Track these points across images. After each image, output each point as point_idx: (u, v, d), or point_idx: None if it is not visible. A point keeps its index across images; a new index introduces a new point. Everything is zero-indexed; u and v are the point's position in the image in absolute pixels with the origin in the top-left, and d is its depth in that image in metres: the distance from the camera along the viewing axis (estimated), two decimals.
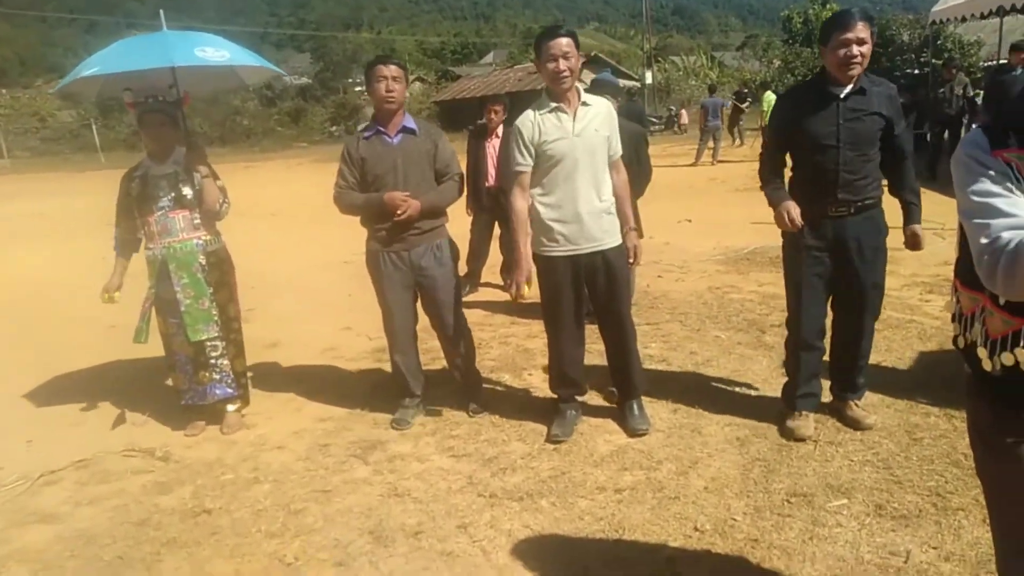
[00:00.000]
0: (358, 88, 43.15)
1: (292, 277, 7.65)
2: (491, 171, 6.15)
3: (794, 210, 3.12)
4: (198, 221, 3.73)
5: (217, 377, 3.84)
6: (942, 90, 10.83)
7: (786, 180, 3.32)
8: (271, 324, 5.77)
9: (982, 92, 11.23)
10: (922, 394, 3.59)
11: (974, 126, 10.04)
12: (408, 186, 3.54)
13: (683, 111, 29.10)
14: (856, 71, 2.99)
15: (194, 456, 3.64)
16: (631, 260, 3.48)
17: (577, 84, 3.33)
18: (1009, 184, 1.36)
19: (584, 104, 3.30)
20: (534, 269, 3.41)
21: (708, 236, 8.14)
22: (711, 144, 16.56)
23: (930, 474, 2.92)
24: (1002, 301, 1.46)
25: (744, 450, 3.25)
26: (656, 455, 3.27)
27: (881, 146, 3.13)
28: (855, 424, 3.35)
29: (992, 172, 1.37)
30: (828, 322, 3.39)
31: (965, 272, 1.55)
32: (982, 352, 1.54)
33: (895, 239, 3.24)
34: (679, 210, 9.89)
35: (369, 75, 3.56)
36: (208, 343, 3.79)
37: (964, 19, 11.04)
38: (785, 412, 3.43)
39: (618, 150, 3.43)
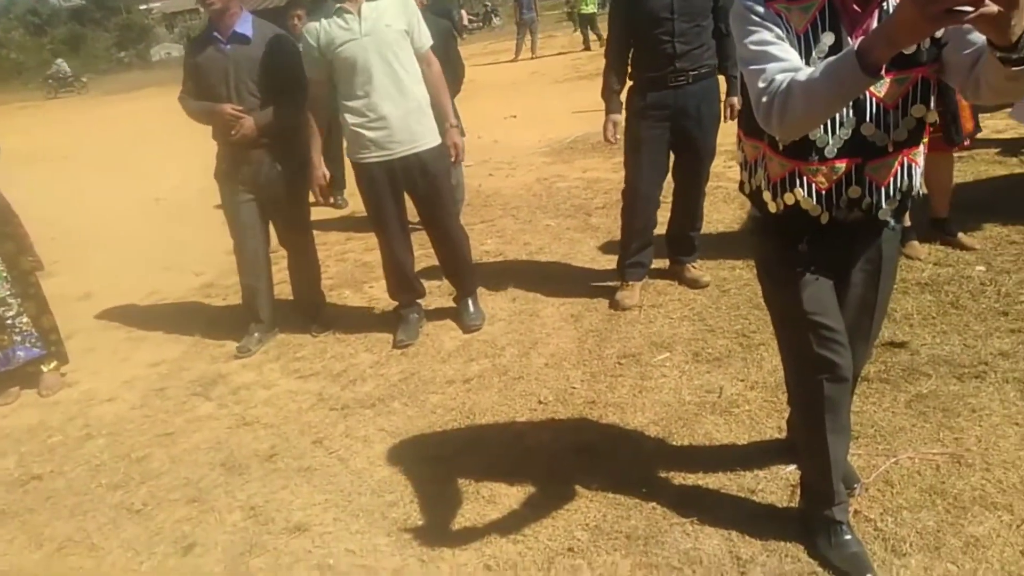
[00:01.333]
0: (143, 6, 38.59)
1: (98, 223, 6.95)
2: None
3: (614, 128, 3.44)
4: None
5: (19, 339, 3.47)
6: None
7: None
8: (81, 275, 5.28)
9: None
10: (728, 250, 3.95)
11: None
12: (240, 98, 3.30)
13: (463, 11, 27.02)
14: None
15: (12, 424, 3.34)
16: (452, 159, 3.45)
17: None
18: (780, 32, 1.48)
19: (369, 0, 3.15)
20: (326, 174, 3.38)
21: (534, 129, 8.26)
22: (529, 37, 16.54)
23: (736, 319, 3.27)
24: (780, 146, 1.62)
25: (578, 325, 3.46)
26: (499, 342, 3.41)
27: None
28: (694, 283, 3.64)
29: (766, 22, 1.49)
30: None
31: (747, 122, 1.71)
32: (767, 195, 1.72)
33: None
34: (504, 107, 9.93)
35: None
36: (0, 303, 3.41)
37: None
38: (618, 284, 3.67)
39: (425, 42, 3.31)
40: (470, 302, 3.67)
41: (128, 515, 2.56)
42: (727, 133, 6.05)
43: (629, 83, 3.44)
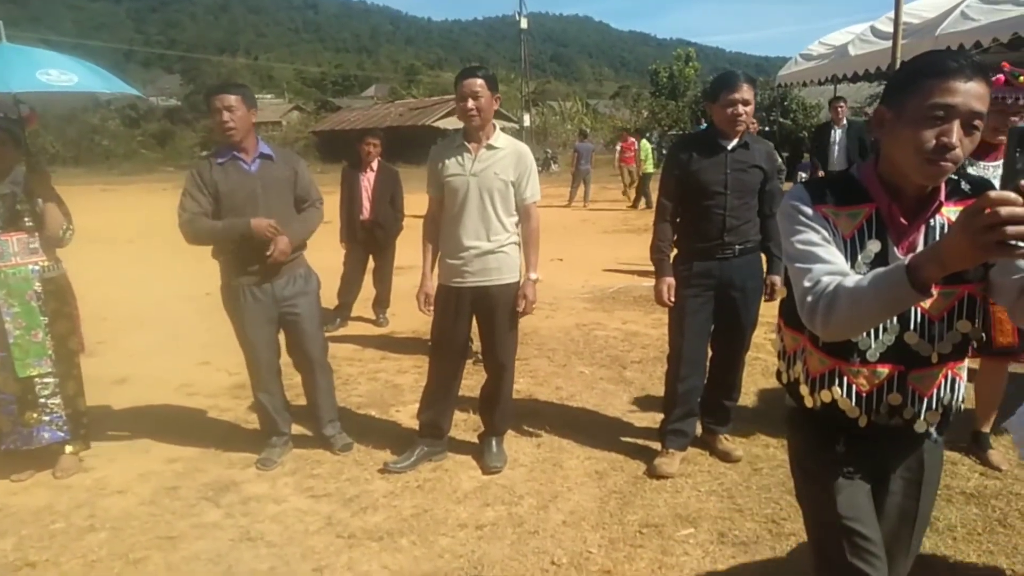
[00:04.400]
0: None
1: (148, 309, 7.18)
2: (366, 204, 6.12)
3: (669, 290, 3.43)
4: (35, 245, 3.45)
5: (47, 419, 3.51)
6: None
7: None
8: (121, 359, 5.39)
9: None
10: (763, 426, 3.87)
11: (800, 179, 10.89)
12: (270, 216, 3.41)
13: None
14: (742, 127, 3.31)
15: (19, 503, 3.31)
16: (520, 309, 3.45)
17: (495, 124, 3.42)
18: (827, 235, 1.53)
19: (490, 147, 3.36)
20: (433, 288, 3.50)
21: (578, 275, 8.43)
22: (583, 187, 17.23)
23: (767, 502, 3.14)
24: (820, 342, 1.61)
25: (602, 483, 3.36)
26: (518, 490, 3.32)
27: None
28: (725, 456, 3.55)
29: (813, 224, 1.53)
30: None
31: (789, 313, 1.71)
32: (804, 389, 1.69)
33: None
34: (551, 249, 10.16)
35: (208, 105, 3.41)
36: (38, 380, 3.47)
37: (805, 84, 12.19)
38: (656, 448, 3.59)
39: (530, 196, 3.44)
40: (494, 442, 3.62)
41: None
42: (770, 305, 6.08)
43: (674, 251, 3.53)
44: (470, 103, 3.26)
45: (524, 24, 37.74)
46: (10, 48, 3.46)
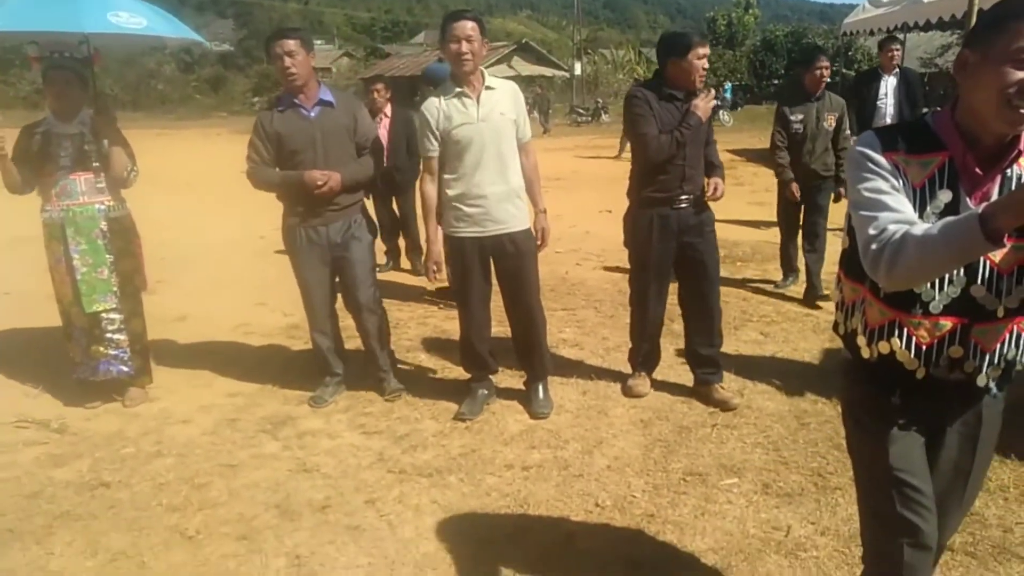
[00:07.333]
0: None
1: (205, 250, 7.40)
2: None
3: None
4: (101, 185, 3.57)
5: (112, 353, 3.67)
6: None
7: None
8: (181, 297, 5.59)
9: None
10: (813, 381, 3.83)
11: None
12: (328, 162, 3.46)
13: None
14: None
15: (93, 429, 3.51)
16: (539, 243, 3.52)
17: (482, 68, 3.37)
18: (896, 183, 1.49)
19: (488, 88, 3.33)
20: (443, 253, 3.47)
21: None
22: None
23: (814, 456, 3.13)
24: (881, 293, 1.58)
25: (647, 431, 3.40)
26: (563, 435, 3.38)
27: None
28: (723, 405, 3.59)
29: (883, 171, 1.49)
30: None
31: (850, 263, 1.68)
32: (861, 340, 1.67)
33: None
34: (600, 200, 10.06)
35: (268, 52, 3.42)
36: (104, 315, 3.63)
37: (873, 32, 11.62)
38: (632, 372, 3.84)
39: (527, 133, 3.47)
40: (540, 388, 3.67)
41: (180, 540, 2.62)
42: (829, 262, 5.92)
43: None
44: (464, 46, 3.20)
45: None
46: None
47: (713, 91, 3.63)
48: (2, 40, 3.80)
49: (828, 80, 5.16)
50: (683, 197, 3.48)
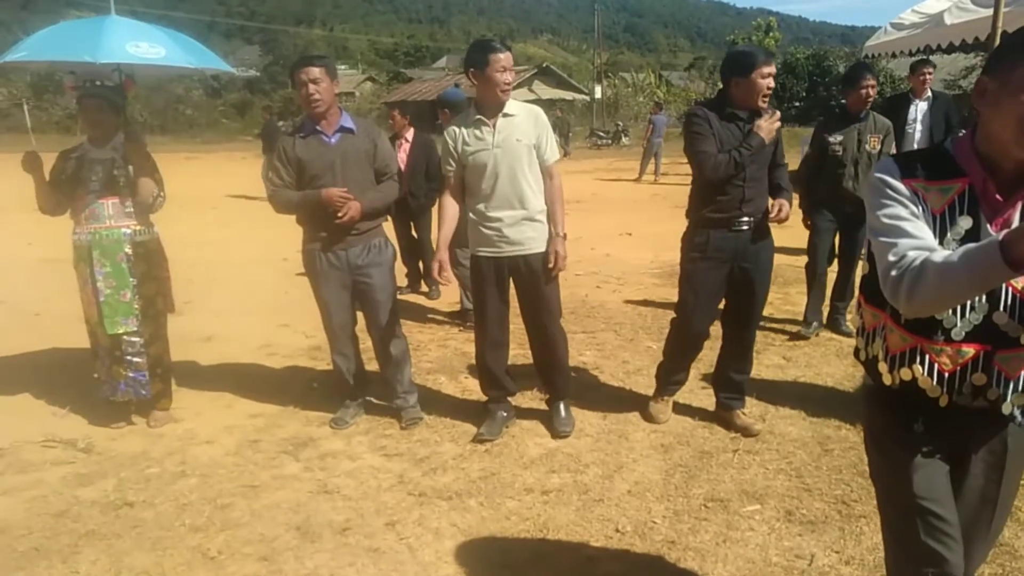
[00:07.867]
0: None
1: (231, 272, 7.52)
2: None
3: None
4: (130, 210, 3.64)
5: (131, 375, 3.72)
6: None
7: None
8: (207, 318, 5.67)
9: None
10: (836, 407, 3.79)
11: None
12: (347, 186, 3.50)
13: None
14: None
15: (118, 448, 3.56)
16: (551, 265, 3.48)
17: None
18: (915, 210, 1.49)
19: (505, 115, 3.38)
20: (446, 258, 3.52)
21: (647, 250, 8.34)
22: (653, 161, 16.96)
23: (837, 483, 3.09)
24: (902, 319, 1.58)
25: (667, 456, 3.38)
26: (583, 459, 3.37)
27: None
28: (745, 431, 3.56)
29: (901, 198, 1.49)
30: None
31: (870, 289, 1.67)
32: (883, 366, 1.66)
33: None
34: (621, 223, 10.11)
35: (293, 78, 3.50)
36: (125, 338, 3.69)
37: (895, 55, 11.59)
38: (654, 396, 3.81)
39: (551, 156, 3.49)
40: (562, 407, 3.68)
41: (203, 560, 2.64)
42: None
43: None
44: (509, 76, 3.32)
45: None
46: (114, 20, 3.63)
47: (778, 112, 3.47)
48: (37, 68, 3.90)
49: (872, 99, 4.76)
50: (743, 219, 3.41)
